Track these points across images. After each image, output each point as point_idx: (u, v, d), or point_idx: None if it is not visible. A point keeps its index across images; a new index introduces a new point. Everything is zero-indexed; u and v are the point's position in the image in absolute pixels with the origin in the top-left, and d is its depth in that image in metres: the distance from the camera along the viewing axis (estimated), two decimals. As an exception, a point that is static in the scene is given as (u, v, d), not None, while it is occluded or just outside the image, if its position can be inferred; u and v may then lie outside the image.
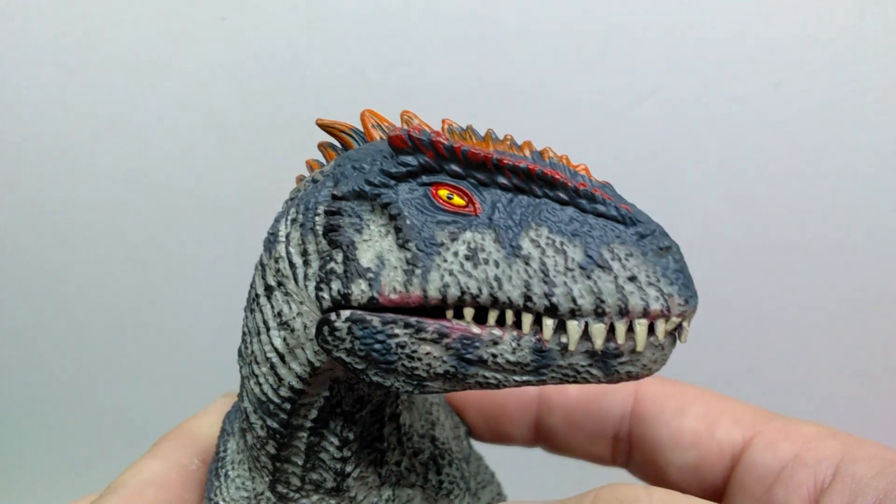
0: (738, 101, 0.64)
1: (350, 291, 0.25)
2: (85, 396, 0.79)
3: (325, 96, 0.66)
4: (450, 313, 0.25)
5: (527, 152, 0.26)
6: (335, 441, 0.29)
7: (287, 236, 0.28)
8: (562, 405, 0.41)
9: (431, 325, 0.24)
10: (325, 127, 0.30)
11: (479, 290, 0.24)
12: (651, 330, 0.23)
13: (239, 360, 0.30)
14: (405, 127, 0.26)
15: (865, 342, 0.72)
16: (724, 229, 0.69)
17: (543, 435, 0.43)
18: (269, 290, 0.28)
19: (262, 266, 0.29)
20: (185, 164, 0.69)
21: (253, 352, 0.29)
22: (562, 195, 0.24)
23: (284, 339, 0.27)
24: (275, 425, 0.29)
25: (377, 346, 0.25)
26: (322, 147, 0.30)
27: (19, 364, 0.78)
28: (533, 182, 0.25)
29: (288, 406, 0.28)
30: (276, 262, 0.28)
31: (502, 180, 0.25)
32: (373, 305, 0.25)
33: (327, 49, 0.65)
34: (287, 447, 0.29)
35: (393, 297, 0.25)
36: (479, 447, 0.44)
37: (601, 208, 0.24)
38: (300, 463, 0.30)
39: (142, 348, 0.76)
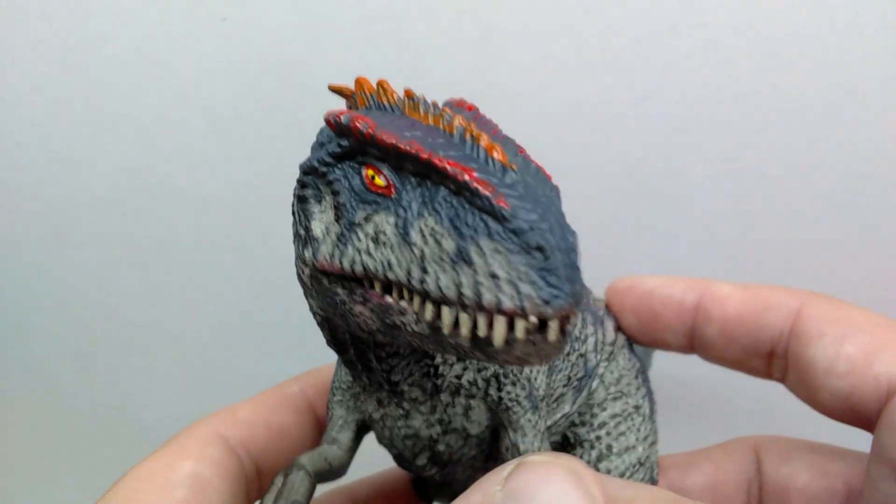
0: (738, 101, 0.65)
1: (304, 255, 0.29)
2: (84, 396, 0.79)
3: (325, 96, 0.66)
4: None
5: (457, 123, 0.26)
6: (373, 356, 0.33)
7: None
8: (720, 317, 0.39)
9: (358, 289, 0.27)
10: (334, 90, 0.33)
11: (376, 269, 0.26)
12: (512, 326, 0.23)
13: None
14: (334, 113, 0.28)
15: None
16: (725, 229, 0.69)
17: (699, 344, 0.42)
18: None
19: None
20: (185, 164, 0.69)
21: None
22: (451, 186, 0.25)
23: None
24: (328, 337, 0.33)
25: (328, 299, 0.29)
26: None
27: (19, 364, 0.78)
28: (431, 171, 0.25)
29: (326, 327, 0.32)
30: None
31: (409, 166, 0.26)
32: (318, 270, 0.28)
33: (328, 49, 0.65)
34: (344, 355, 0.34)
35: (325, 265, 0.28)
36: None
37: (478, 202, 0.24)
38: (359, 368, 0.34)
39: (142, 348, 0.76)
